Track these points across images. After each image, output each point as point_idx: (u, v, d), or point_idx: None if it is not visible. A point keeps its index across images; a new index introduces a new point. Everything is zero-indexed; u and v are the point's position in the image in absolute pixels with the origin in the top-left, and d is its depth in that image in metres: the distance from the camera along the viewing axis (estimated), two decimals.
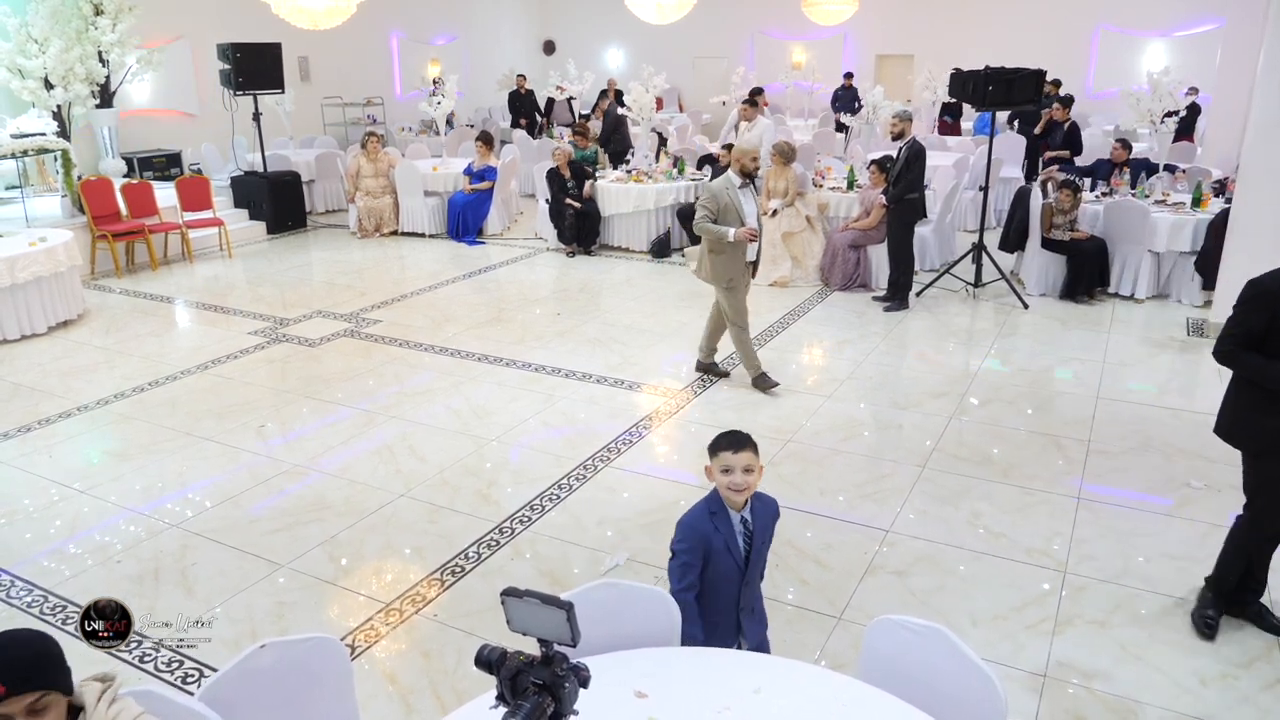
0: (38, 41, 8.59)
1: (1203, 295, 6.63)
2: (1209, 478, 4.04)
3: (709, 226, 4.84)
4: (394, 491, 4.01)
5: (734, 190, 4.86)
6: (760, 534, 2.21)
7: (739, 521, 2.18)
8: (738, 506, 2.17)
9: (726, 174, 4.96)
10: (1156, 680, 2.76)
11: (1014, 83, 6.64)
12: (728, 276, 4.92)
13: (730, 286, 4.95)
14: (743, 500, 2.16)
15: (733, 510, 2.18)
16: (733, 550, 2.17)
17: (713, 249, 4.92)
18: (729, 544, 2.17)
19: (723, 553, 2.16)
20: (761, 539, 2.22)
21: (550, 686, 1.30)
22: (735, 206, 4.83)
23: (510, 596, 1.33)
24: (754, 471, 2.14)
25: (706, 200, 4.87)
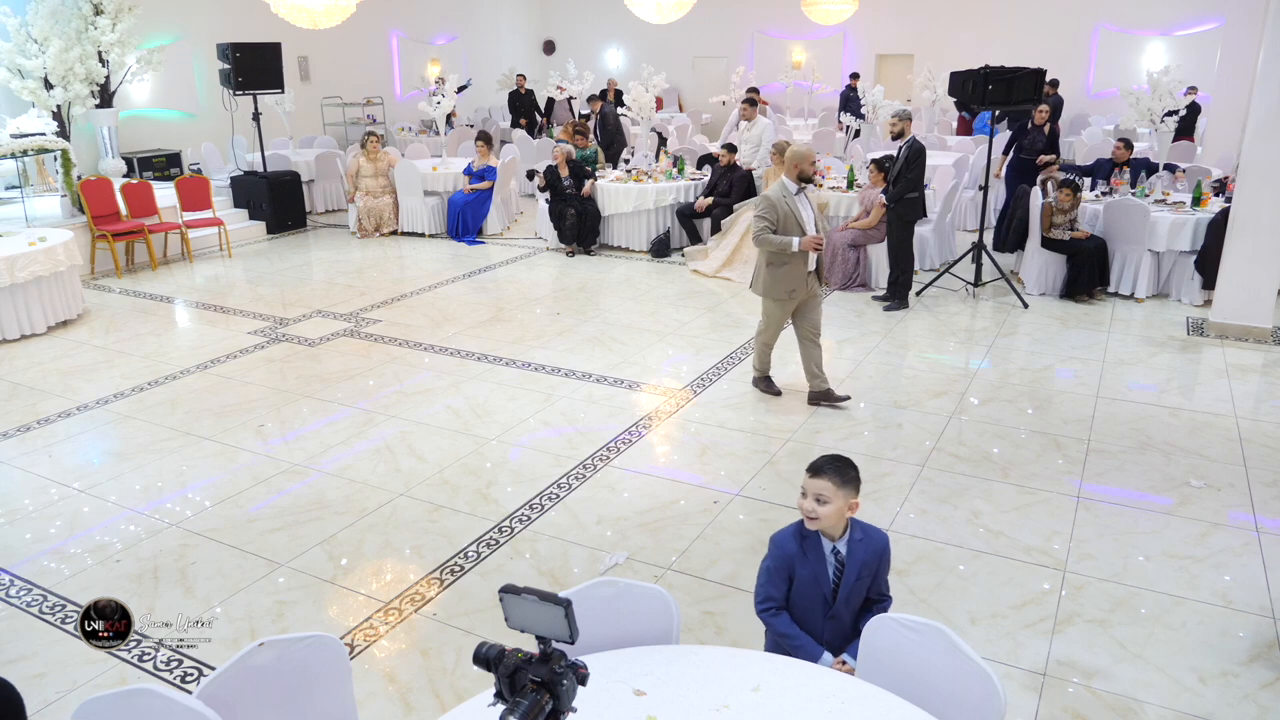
0: (37, 41, 8.60)
1: (1203, 295, 6.63)
2: (1209, 476, 4.05)
3: (770, 238, 4.56)
4: (393, 491, 4.01)
5: (791, 198, 4.60)
6: (854, 568, 2.12)
7: (830, 551, 2.12)
8: (830, 536, 2.11)
9: (781, 181, 4.67)
10: (1156, 679, 2.76)
11: (1014, 82, 6.64)
12: (790, 288, 4.68)
13: (790, 298, 4.70)
14: (818, 526, 2.09)
15: (825, 539, 2.11)
16: (820, 580, 2.12)
17: (771, 261, 4.66)
18: (816, 573, 2.12)
19: (809, 581, 2.13)
20: (855, 573, 2.12)
21: (548, 684, 1.30)
22: (794, 215, 4.58)
23: (508, 594, 1.33)
24: (827, 503, 2.06)
25: (764, 210, 4.59)
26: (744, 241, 7.71)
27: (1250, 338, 5.96)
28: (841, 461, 2.11)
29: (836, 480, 2.07)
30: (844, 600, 2.14)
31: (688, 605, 3.14)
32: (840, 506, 2.08)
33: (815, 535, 2.11)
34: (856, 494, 2.11)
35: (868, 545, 2.14)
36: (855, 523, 2.15)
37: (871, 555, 2.14)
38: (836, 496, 2.07)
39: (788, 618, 2.17)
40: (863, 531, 2.15)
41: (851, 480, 2.10)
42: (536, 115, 14.33)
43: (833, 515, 2.08)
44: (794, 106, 15.40)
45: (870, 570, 2.15)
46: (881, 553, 2.17)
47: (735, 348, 5.88)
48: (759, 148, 8.53)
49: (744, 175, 8.40)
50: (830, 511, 2.07)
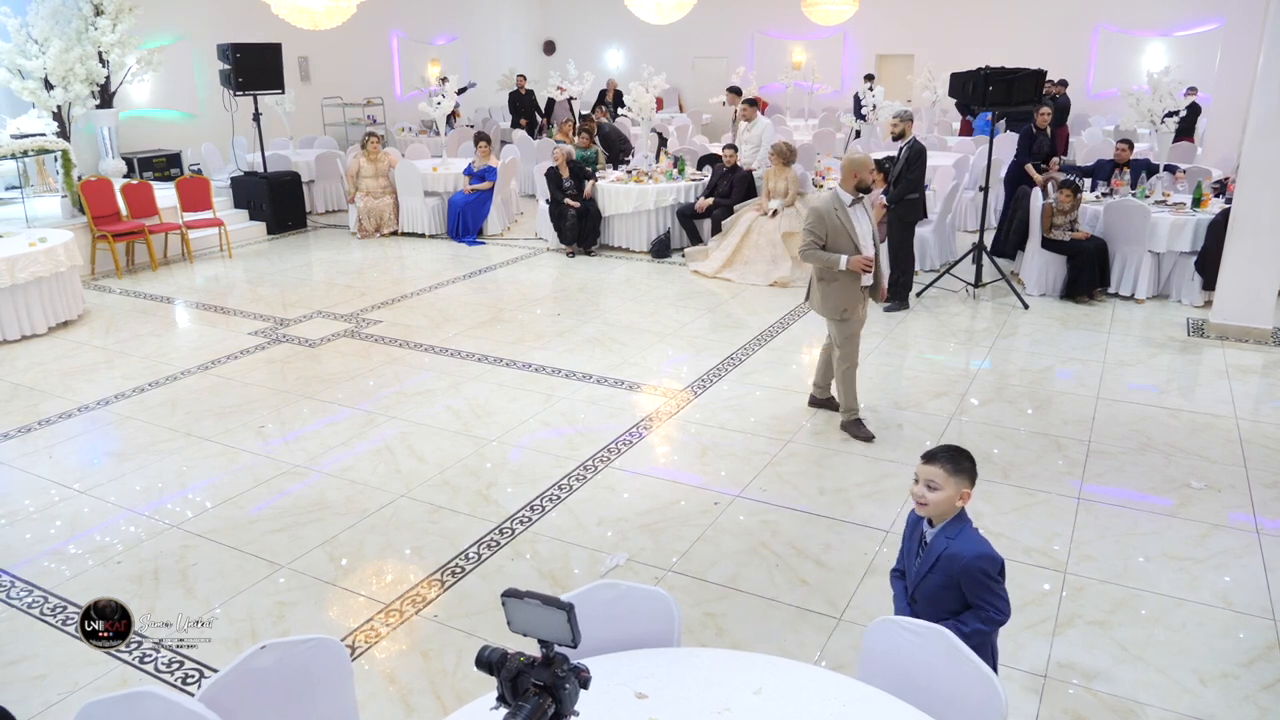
0: (38, 42, 8.60)
1: (1203, 295, 6.63)
2: (1209, 478, 4.05)
3: (817, 254, 4.23)
4: (394, 492, 4.01)
5: (844, 210, 4.24)
6: (929, 560, 2.10)
7: (921, 537, 2.16)
8: (932, 520, 2.13)
9: (835, 192, 4.31)
10: (1157, 680, 2.76)
11: (1014, 83, 6.64)
12: (841, 307, 4.34)
13: (844, 318, 4.37)
14: (927, 513, 2.11)
15: (927, 524, 2.15)
16: (907, 555, 2.20)
17: (822, 277, 4.35)
18: (908, 549, 2.20)
19: (908, 554, 2.21)
20: (929, 565, 2.10)
21: (551, 688, 1.30)
22: (846, 228, 4.21)
23: (511, 598, 1.33)
24: (938, 490, 2.06)
25: (812, 223, 4.23)
26: (744, 242, 7.72)
27: (1250, 338, 5.96)
28: (956, 451, 2.12)
29: (949, 468, 2.07)
30: (917, 586, 2.14)
31: (689, 607, 3.15)
32: (951, 495, 2.07)
33: (918, 518, 2.18)
34: (970, 485, 2.10)
35: (952, 550, 2.08)
36: (959, 522, 2.12)
37: (949, 560, 2.07)
38: (947, 484, 2.07)
39: (901, 584, 2.26)
40: (957, 533, 2.10)
41: (965, 470, 2.09)
42: (537, 116, 14.33)
43: (943, 502, 2.08)
44: (794, 107, 15.40)
45: (948, 573, 2.08)
46: (957, 560, 2.07)
47: (736, 349, 5.88)
48: (759, 148, 8.53)
49: (745, 176, 8.40)
50: (940, 498, 2.07)
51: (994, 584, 2.08)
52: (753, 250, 7.66)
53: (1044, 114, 8.02)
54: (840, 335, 4.46)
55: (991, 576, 2.08)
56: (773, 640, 2.98)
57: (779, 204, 7.66)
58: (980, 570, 2.06)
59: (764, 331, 6.25)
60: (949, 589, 2.10)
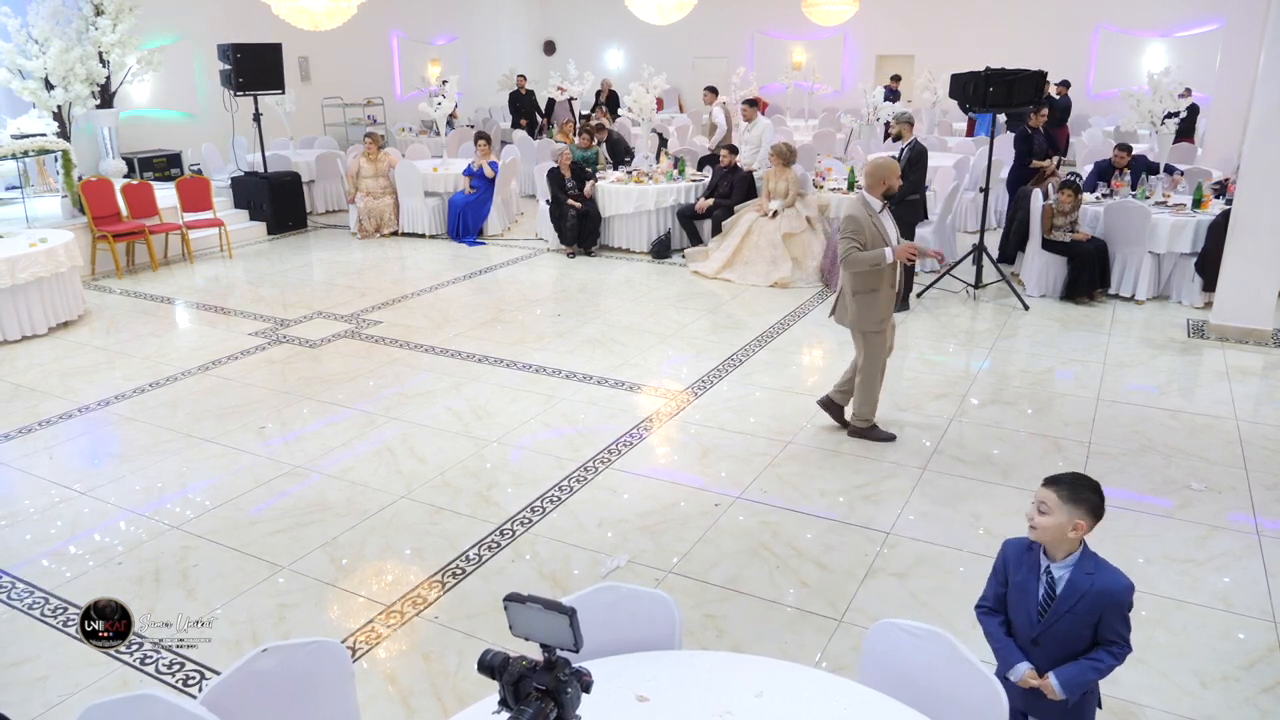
0: (38, 42, 8.60)
1: (1203, 297, 6.63)
2: (1209, 479, 4.05)
3: (861, 256, 4.11)
4: (394, 493, 4.01)
5: (875, 215, 4.20)
6: (1070, 599, 1.98)
7: (1045, 569, 2.03)
8: (1052, 556, 2.01)
9: (863, 197, 4.25)
10: (1157, 682, 2.76)
11: (1014, 84, 6.64)
12: (880, 318, 4.26)
13: (880, 329, 4.30)
14: (1036, 536, 2.02)
15: (1046, 555, 2.03)
16: (1028, 594, 2.04)
17: (859, 288, 4.21)
18: (1026, 585, 2.04)
19: (1019, 590, 2.06)
20: (1069, 605, 1.98)
21: (553, 692, 1.30)
22: (880, 234, 4.17)
23: (513, 602, 1.33)
24: (1048, 514, 1.98)
25: (850, 230, 4.14)
26: (744, 243, 7.72)
27: (1251, 340, 5.96)
28: (1080, 479, 2.02)
29: (1064, 494, 1.98)
30: (1048, 628, 2.02)
31: (689, 608, 3.15)
32: (1062, 522, 1.97)
33: (1038, 548, 2.04)
34: (1088, 518, 1.98)
35: (1092, 580, 1.98)
36: (1092, 556, 2.02)
37: (1094, 594, 1.97)
38: (1059, 511, 1.97)
39: (995, 621, 2.12)
40: (1096, 566, 2.00)
41: (1084, 500, 1.97)
42: (537, 116, 14.33)
43: (1052, 529, 1.98)
44: (794, 107, 15.41)
45: (1090, 610, 1.98)
46: (1110, 595, 1.98)
47: (736, 349, 5.89)
48: (759, 148, 8.53)
49: (745, 176, 8.40)
50: (1049, 524, 1.98)
51: (1128, 618, 2.01)
52: (753, 251, 7.66)
53: (1041, 115, 7.98)
54: (870, 347, 4.35)
55: (1130, 608, 2.01)
56: (773, 642, 2.99)
57: (779, 204, 7.66)
58: (1128, 604, 1.99)
59: (764, 332, 6.25)
60: (1088, 627, 2.00)
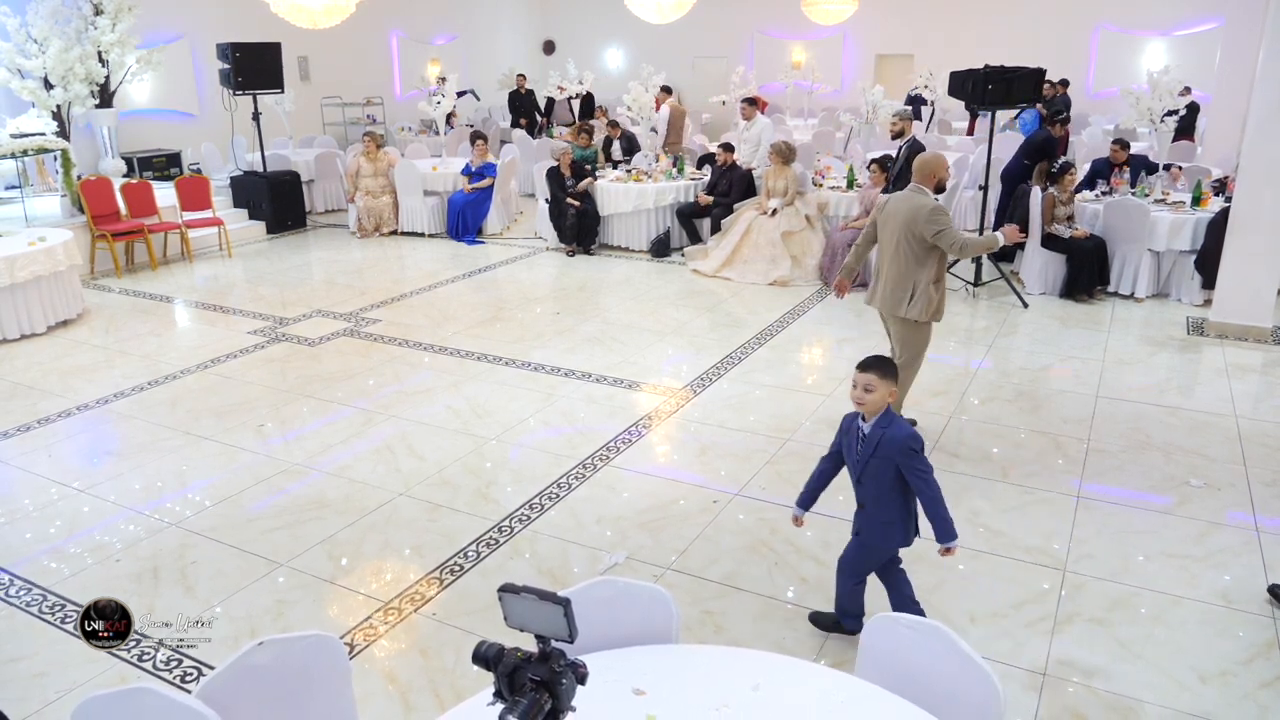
0: (37, 41, 8.60)
1: (1202, 294, 6.63)
2: (1208, 476, 4.04)
3: (975, 240, 4.16)
4: (393, 490, 4.01)
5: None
6: (870, 447, 2.62)
7: (858, 428, 2.67)
8: (865, 417, 2.65)
9: (926, 192, 4.16)
10: (1156, 678, 2.76)
11: (1014, 82, 6.64)
12: (942, 308, 4.28)
13: (939, 318, 4.32)
14: (866, 410, 2.63)
15: (863, 420, 2.66)
16: (850, 450, 2.70)
17: (936, 277, 4.18)
18: (850, 445, 2.70)
19: (847, 445, 2.71)
20: (870, 450, 2.62)
21: (548, 683, 1.30)
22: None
23: (507, 592, 1.32)
24: (873, 390, 2.58)
25: (943, 219, 4.05)
26: (744, 241, 7.72)
27: (1250, 337, 5.95)
28: (883, 359, 2.64)
29: (879, 374, 2.58)
30: (861, 470, 2.67)
31: (687, 605, 3.14)
32: (883, 394, 2.59)
33: (857, 414, 2.68)
34: (895, 384, 2.64)
35: (888, 435, 2.60)
36: (889, 414, 2.63)
37: (889, 444, 2.60)
38: (880, 386, 2.58)
39: (821, 468, 2.83)
40: (889, 423, 2.61)
41: (891, 374, 2.61)
42: (536, 115, 14.33)
43: (877, 401, 2.60)
44: (794, 106, 15.40)
45: (886, 453, 2.60)
46: (895, 442, 2.60)
47: (735, 347, 5.88)
48: (758, 147, 8.53)
49: (744, 175, 8.40)
50: (877, 398, 2.59)
51: (919, 456, 2.62)
52: (752, 249, 7.65)
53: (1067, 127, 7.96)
54: (921, 338, 4.35)
55: (916, 451, 2.62)
56: (771, 638, 2.98)
57: (779, 203, 7.66)
58: (909, 448, 2.61)
59: (763, 330, 6.25)
60: (887, 466, 2.63)
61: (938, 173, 4.20)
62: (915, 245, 4.10)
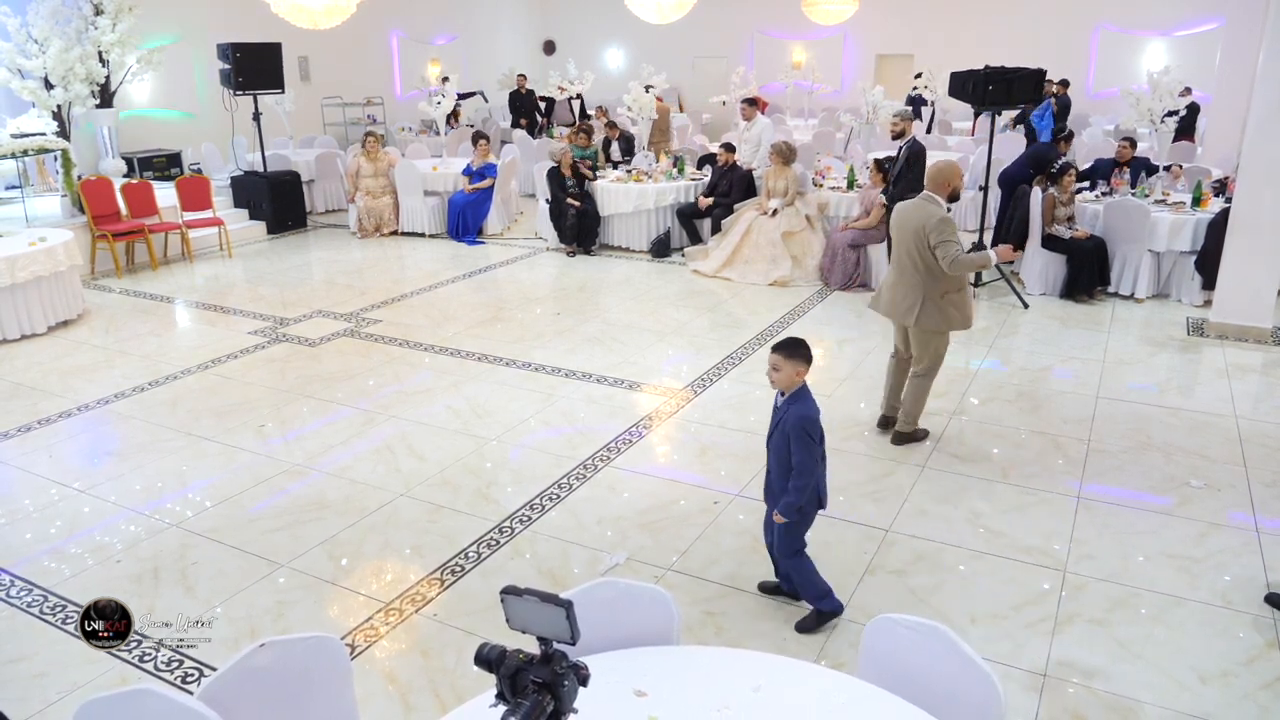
0: (38, 41, 8.59)
1: (1203, 295, 6.63)
2: (1209, 477, 4.05)
3: (971, 258, 3.99)
4: (394, 491, 4.01)
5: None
6: (775, 420, 2.89)
7: (776, 403, 2.92)
8: (783, 393, 2.85)
9: (937, 201, 4.06)
10: (1156, 679, 2.76)
11: (1014, 82, 6.64)
12: (967, 315, 4.20)
13: (958, 328, 4.24)
14: (775, 386, 2.85)
15: (779, 397, 2.89)
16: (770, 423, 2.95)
17: (950, 288, 4.08)
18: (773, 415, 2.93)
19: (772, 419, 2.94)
20: (775, 424, 2.88)
21: (550, 685, 1.30)
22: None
23: (510, 594, 1.33)
24: (778, 370, 2.80)
25: (950, 231, 3.97)
26: (744, 242, 7.72)
27: (1250, 338, 5.95)
28: (793, 341, 2.83)
29: (784, 355, 2.80)
30: (769, 442, 2.92)
31: (688, 605, 3.15)
32: (789, 373, 2.80)
33: (779, 392, 2.89)
34: (804, 365, 2.80)
35: (793, 410, 2.81)
36: (802, 393, 2.83)
37: (792, 417, 2.80)
38: (785, 366, 2.80)
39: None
40: (798, 399, 2.82)
41: (799, 356, 2.79)
42: (537, 115, 14.33)
43: (785, 378, 2.81)
44: (794, 107, 15.40)
45: (786, 432, 2.81)
46: (791, 419, 2.79)
47: (735, 348, 5.88)
48: (759, 147, 8.53)
49: (744, 175, 8.40)
50: (782, 376, 2.81)
51: (808, 439, 2.77)
52: (753, 250, 7.65)
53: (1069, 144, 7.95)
54: (936, 350, 4.26)
55: (809, 433, 2.76)
56: (772, 639, 2.99)
57: (779, 203, 7.66)
58: (800, 427, 2.76)
59: (764, 331, 6.25)
60: (785, 445, 2.81)
61: (952, 181, 4.10)
62: (923, 255, 4.05)
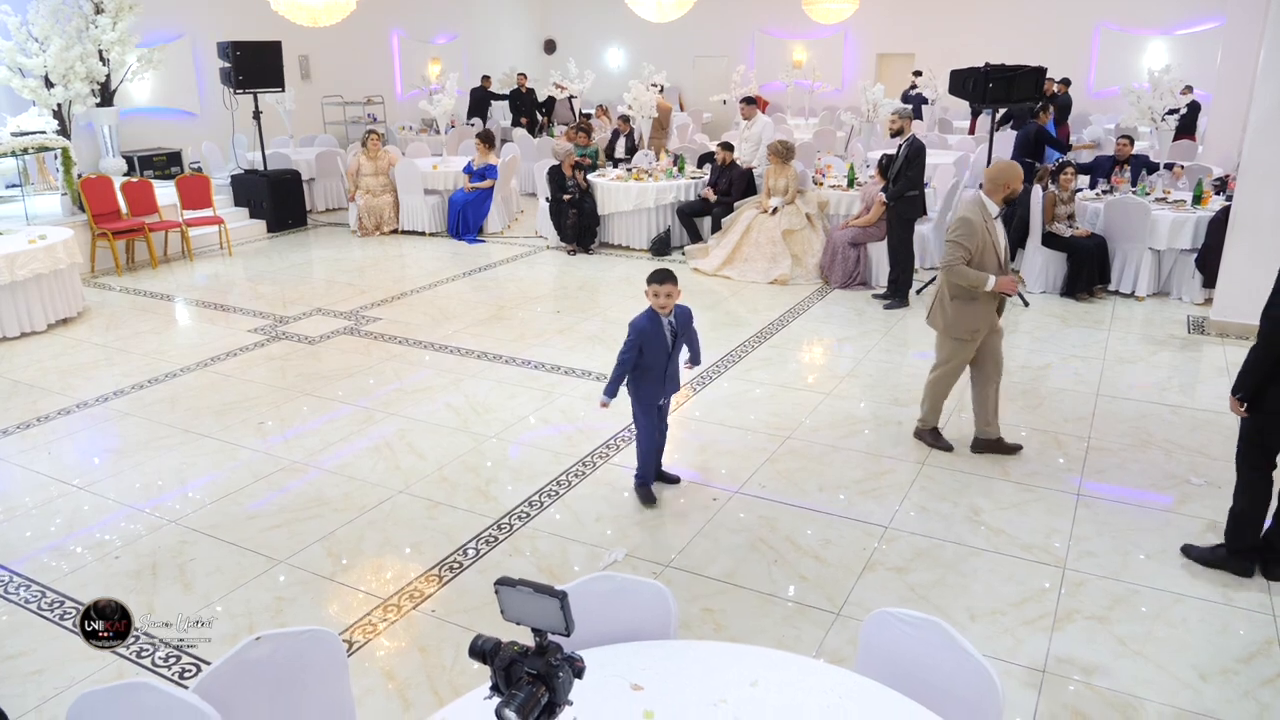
0: (38, 40, 8.60)
1: (1203, 293, 6.61)
2: (1209, 474, 4.04)
3: (965, 272, 3.83)
4: (393, 488, 4.01)
5: (991, 222, 3.88)
6: (680, 330, 3.66)
7: (666, 324, 3.62)
8: (665, 313, 3.61)
9: (981, 201, 3.89)
10: (1156, 676, 2.75)
11: (1014, 80, 6.64)
12: (974, 328, 4.01)
13: (973, 338, 4.05)
14: (667, 311, 3.60)
15: (662, 316, 3.61)
16: (660, 338, 3.62)
17: (958, 294, 3.96)
18: (661, 337, 3.62)
19: (658, 343, 3.61)
20: (680, 332, 3.66)
21: (544, 676, 1.30)
22: (993, 243, 3.86)
23: (504, 586, 1.32)
24: (673, 296, 3.57)
25: (961, 235, 3.82)
26: (744, 240, 7.71)
27: (1251, 336, 5.88)
28: (667, 271, 3.61)
29: (674, 282, 3.57)
30: (676, 347, 3.67)
31: (686, 602, 3.14)
32: (677, 295, 3.60)
33: (658, 316, 3.60)
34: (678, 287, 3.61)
35: (683, 315, 3.69)
36: (677, 306, 3.65)
37: (686, 319, 3.71)
38: (676, 292, 3.58)
39: (627, 365, 3.66)
40: (679, 310, 3.67)
41: (676, 280, 3.60)
42: (537, 114, 14.33)
43: (673, 302, 3.59)
44: (795, 106, 15.39)
45: (686, 329, 3.71)
46: (689, 319, 3.73)
47: (735, 346, 5.88)
48: (758, 146, 8.52)
49: (744, 173, 8.39)
50: (673, 302, 3.59)
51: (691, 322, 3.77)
52: (753, 248, 7.65)
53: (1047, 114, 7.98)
54: (957, 354, 4.13)
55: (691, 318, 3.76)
56: (770, 635, 2.98)
57: (779, 201, 7.65)
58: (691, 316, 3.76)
59: (764, 329, 6.24)
60: (683, 340, 3.71)
61: (1011, 183, 3.89)
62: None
